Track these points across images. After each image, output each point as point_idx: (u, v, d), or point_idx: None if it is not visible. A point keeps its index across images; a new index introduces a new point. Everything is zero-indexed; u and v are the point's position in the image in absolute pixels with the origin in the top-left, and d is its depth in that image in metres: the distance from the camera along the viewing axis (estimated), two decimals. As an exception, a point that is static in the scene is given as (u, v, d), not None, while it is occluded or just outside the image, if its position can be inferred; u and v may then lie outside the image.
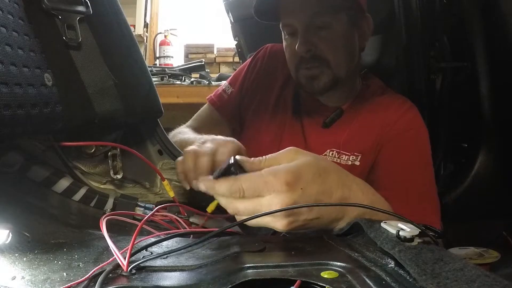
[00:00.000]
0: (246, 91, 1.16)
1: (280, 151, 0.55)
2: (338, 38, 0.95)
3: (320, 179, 0.53)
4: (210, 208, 0.64)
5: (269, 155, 0.55)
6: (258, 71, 1.16)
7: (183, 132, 1.01)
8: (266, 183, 0.49)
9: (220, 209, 0.60)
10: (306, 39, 0.94)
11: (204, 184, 0.55)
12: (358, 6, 0.97)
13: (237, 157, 0.53)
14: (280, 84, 1.11)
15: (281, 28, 1.01)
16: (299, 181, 0.50)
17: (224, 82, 1.23)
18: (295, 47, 0.95)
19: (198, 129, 1.08)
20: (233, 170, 0.51)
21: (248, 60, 1.21)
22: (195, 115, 1.20)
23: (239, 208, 0.52)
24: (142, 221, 0.53)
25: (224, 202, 0.53)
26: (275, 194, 0.49)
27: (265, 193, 0.50)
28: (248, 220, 0.50)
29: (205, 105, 1.20)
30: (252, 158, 0.54)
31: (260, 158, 0.54)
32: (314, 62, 0.95)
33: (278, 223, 0.51)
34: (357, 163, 0.97)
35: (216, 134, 0.82)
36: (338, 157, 0.99)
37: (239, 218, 0.53)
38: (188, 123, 1.14)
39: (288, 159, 0.54)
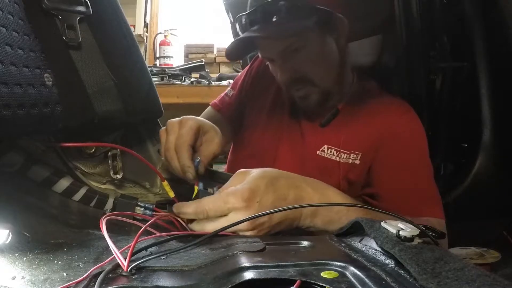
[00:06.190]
0: (245, 96, 1.20)
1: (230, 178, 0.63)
2: (315, 54, 0.94)
3: (272, 188, 0.59)
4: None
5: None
6: (254, 76, 1.20)
7: None
8: (226, 203, 0.57)
9: None
10: (285, 67, 0.96)
11: (175, 207, 0.62)
12: (325, 12, 0.92)
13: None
14: (276, 87, 1.12)
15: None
16: (255, 195, 0.57)
17: (224, 82, 1.26)
18: (278, 75, 0.97)
19: None
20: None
21: (248, 66, 1.26)
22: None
23: (208, 228, 0.57)
24: (146, 224, 0.53)
25: (195, 226, 0.60)
26: (236, 211, 0.56)
27: (226, 211, 0.57)
28: (217, 233, 0.54)
29: (208, 108, 1.26)
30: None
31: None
32: (299, 84, 0.97)
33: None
34: (357, 162, 0.97)
35: None
36: (337, 155, 0.99)
37: None
38: None
39: (240, 180, 0.61)
